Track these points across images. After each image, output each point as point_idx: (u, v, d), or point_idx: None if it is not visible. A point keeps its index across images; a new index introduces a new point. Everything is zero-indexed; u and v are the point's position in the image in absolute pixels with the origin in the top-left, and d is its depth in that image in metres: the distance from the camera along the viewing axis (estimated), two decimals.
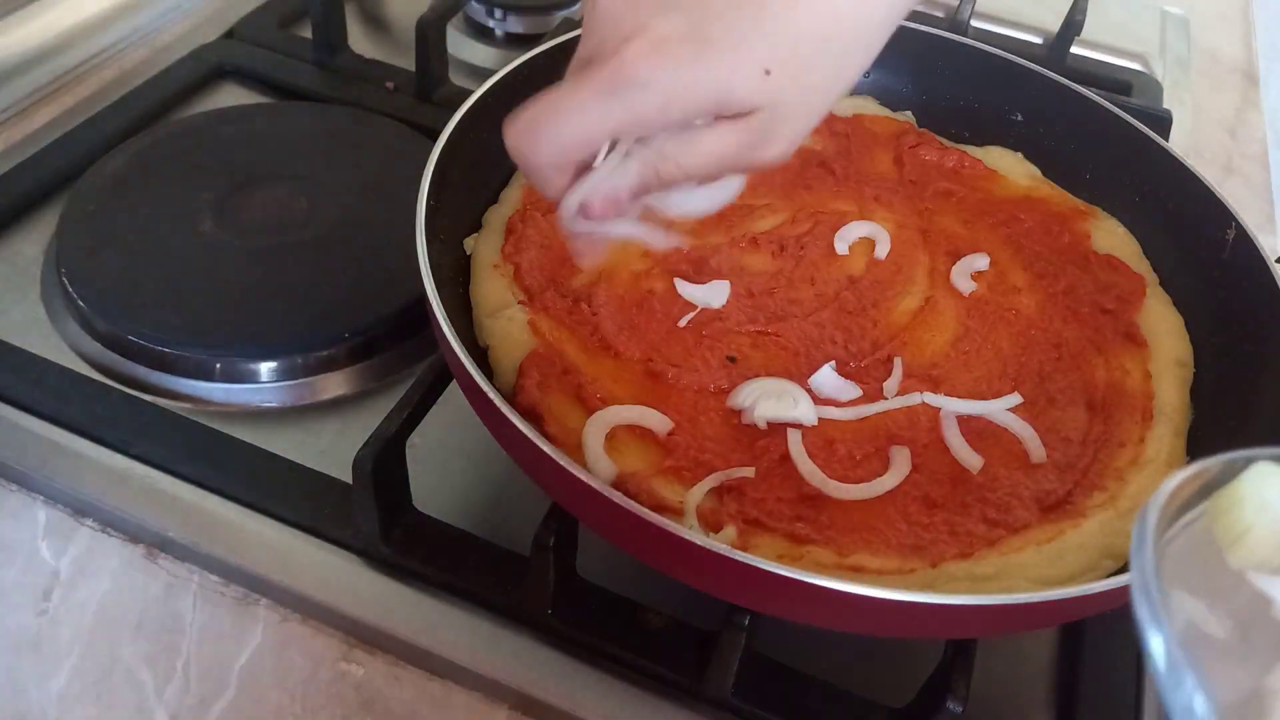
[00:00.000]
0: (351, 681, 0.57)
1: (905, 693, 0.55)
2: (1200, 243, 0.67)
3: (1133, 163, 0.72)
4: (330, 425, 0.69)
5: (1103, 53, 1.16)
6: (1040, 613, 0.49)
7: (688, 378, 0.58)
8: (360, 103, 0.91)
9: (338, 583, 0.59)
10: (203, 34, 0.99)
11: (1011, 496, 0.55)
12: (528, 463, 0.51)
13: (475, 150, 0.66)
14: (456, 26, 1.05)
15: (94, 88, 0.92)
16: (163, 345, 0.69)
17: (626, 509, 0.45)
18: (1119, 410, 0.60)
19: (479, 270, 0.64)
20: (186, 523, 0.61)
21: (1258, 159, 1.10)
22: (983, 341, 0.63)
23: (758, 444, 0.56)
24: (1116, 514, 0.55)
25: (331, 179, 0.82)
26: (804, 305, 0.64)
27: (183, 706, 0.55)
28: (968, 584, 0.51)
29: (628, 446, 0.55)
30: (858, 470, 0.55)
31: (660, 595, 0.58)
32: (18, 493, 0.63)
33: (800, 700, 0.55)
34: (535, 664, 0.57)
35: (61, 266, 0.73)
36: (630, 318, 0.61)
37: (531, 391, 0.56)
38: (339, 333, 0.71)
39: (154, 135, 0.84)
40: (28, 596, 0.58)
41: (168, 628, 0.58)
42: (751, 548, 0.51)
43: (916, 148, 0.76)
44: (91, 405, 0.65)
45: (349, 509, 0.60)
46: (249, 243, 0.76)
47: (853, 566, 0.51)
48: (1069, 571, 0.52)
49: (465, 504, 0.65)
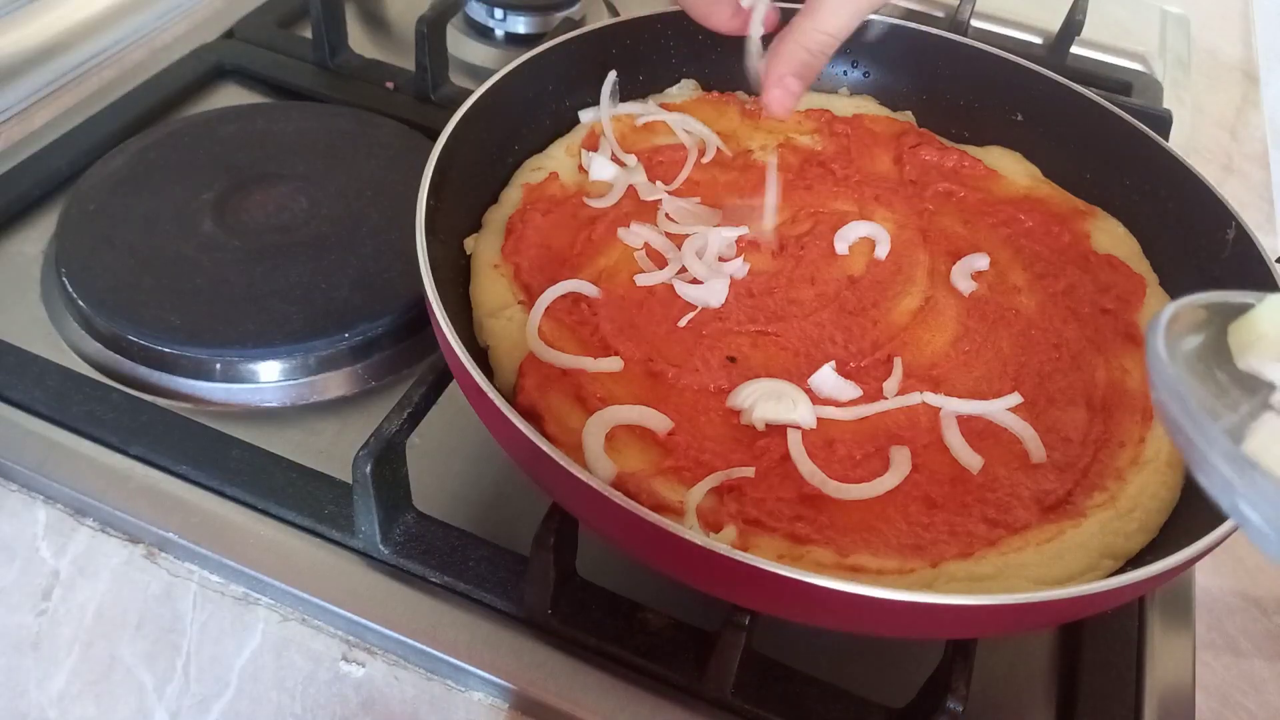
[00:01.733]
0: (351, 681, 0.57)
1: (905, 693, 0.55)
2: (1200, 243, 0.67)
3: (1133, 163, 0.72)
4: (330, 425, 0.69)
5: (1103, 53, 1.16)
6: (1040, 613, 0.49)
7: (688, 378, 0.58)
8: (360, 103, 0.91)
9: (338, 583, 0.59)
10: (203, 34, 0.99)
11: (1011, 496, 0.55)
12: (528, 463, 0.51)
13: (475, 150, 0.66)
14: (456, 26, 1.05)
15: (94, 88, 0.92)
16: (163, 345, 0.69)
17: (626, 509, 0.45)
18: (1119, 410, 0.60)
19: (479, 270, 0.64)
20: (186, 523, 0.61)
21: (1258, 159, 1.10)
22: (983, 341, 0.63)
23: (758, 444, 0.56)
24: (1116, 514, 0.55)
25: (331, 179, 0.82)
26: (804, 305, 0.64)
27: (183, 706, 0.55)
28: (968, 584, 0.51)
29: (628, 446, 0.55)
30: (858, 470, 0.55)
31: (660, 595, 0.58)
32: (18, 493, 0.63)
33: (800, 700, 0.55)
34: (535, 664, 0.57)
35: (61, 266, 0.73)
36: (630, 318, 0.61)
37: (531, 391, 0.56)
38: (339, 333, 0.71)
39: (154, 135, 0.84)
40: (27, 596, 0.58)
41: (168, 627, 0.58)
42: (751, 548, 0.51)
43: (917, 148, 0.76)
44: (91, 405, 0.65)
45: (349, 509, 0.60)
46: (249, 243, 0.76)
47: (853, 566, 0.51)
48: (1069, 571, 0.52)
49: (465, 504, 0.65)
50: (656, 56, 0.78)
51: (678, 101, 0.78)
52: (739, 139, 0.76)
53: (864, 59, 0.81)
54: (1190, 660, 0.62)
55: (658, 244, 0.66)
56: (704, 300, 0.63)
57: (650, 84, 0.79)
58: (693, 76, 0.80)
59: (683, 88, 0.79)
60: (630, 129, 0.74)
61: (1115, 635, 0.61)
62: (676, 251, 0.65)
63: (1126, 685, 0.59)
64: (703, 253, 0.65)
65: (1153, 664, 0.61)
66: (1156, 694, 0.59)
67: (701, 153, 0.74)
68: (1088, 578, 0.52)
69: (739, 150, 0.75)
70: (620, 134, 0.73)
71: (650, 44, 0.77)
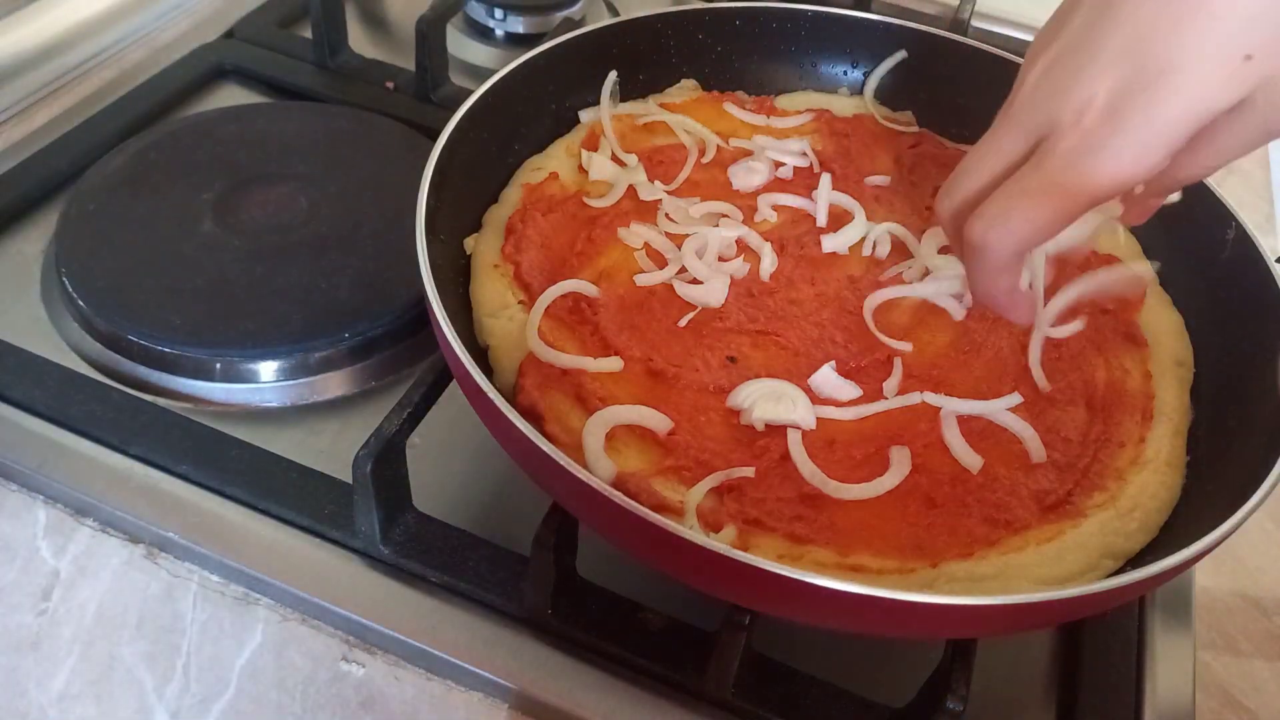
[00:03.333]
0: (351, 681, 0.57)
1: (905, 693, 0.55)
2: (1200, 243, 0.67)
3: None
4: (330, 425, 0.69)
5: None
6: (1040, 613, 0.49)
7: (688, 378, 0.58)
8: (360, 103, 0.91)
9: (338, 583, 0.59)
10: (203, 34, 0.99)
11: (1011, 496, 0.55)
12: (528, 463, 0.51)
13: (475, 150, 0.66)
14: (456, 26, 1.05)
15: (94, 88, 0.92)
16: (163, 345, 0.69)
17: (626, 509, 0.45)
18: (1119, 410, 0.60)
19: (479, 270, 0.64)
20: (186, 523, 0.61)
21: (1258, 159, 1.09)
22: (983, 342, 0.63)
23: (758, 444, 0.56)
24: (1116, 514, 0.54)
25: (331, 179, 0.82)
26: (804, 305, 0.64)
27: (183, 706, 0.55)
28: (968, 584, 0.51)
29: (628, 446, 0.55)
30: (858, 470, 0.55)
31: (660, 595, 0.58)
32: (18, 493, 0.63)
33: (800, 700, 0.55)
34: (535, 664, 0.57)
35: (61, 266, 0.73)
36: (630, 318, 0.61)
37: (531, 391, 0.56)
38: (339, 333, 0.71)
39: (154, 135, 0.84)
40: (28, 596, 0.58)
41: (168, 627, 0.58)
42: (751, 548, 0.51)
43: (916, 147, 0.76)
44: (91, 405, 0.65)
45: (349, 509, 0.60)
46: (249, 243, 0.76)
47: (853, 566, 0.51)
48: (1069, 571, 0.52)
49: (465, 504, 0.65)
50: (656, 56, 0.78)
51: (678, 101, 0.78)
52: (739, 139, 0.76)
53: (864, 59, 0.81)
54: (1190, 660, 0.62)
55: (658, 244, 0.66)
56: (704, 300, 0.63)
57: (650, 84, 0.79)
58: (693, 76, 0.80)
59: (682, 88, 0.79)
60: (630, 129, 0.74)
61: (1115, 635, 0.61)
62: (676, 251, 0.65)
63: (1126, 685, 0.59)
64: (703, 253, 0.65)
65: (1153, 664, 0.61)
66: (1156, 694, 0.59)
67: (701, 153, 0.74)
68: (1088, 578, 0.52)
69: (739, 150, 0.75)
70: (620, 134, 0.73)
71: (650, 44, 0.77)
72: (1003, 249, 0.49)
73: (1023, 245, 0.49)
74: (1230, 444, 0.57)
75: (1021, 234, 0.48)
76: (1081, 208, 0.47)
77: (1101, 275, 0.63)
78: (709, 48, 0.78)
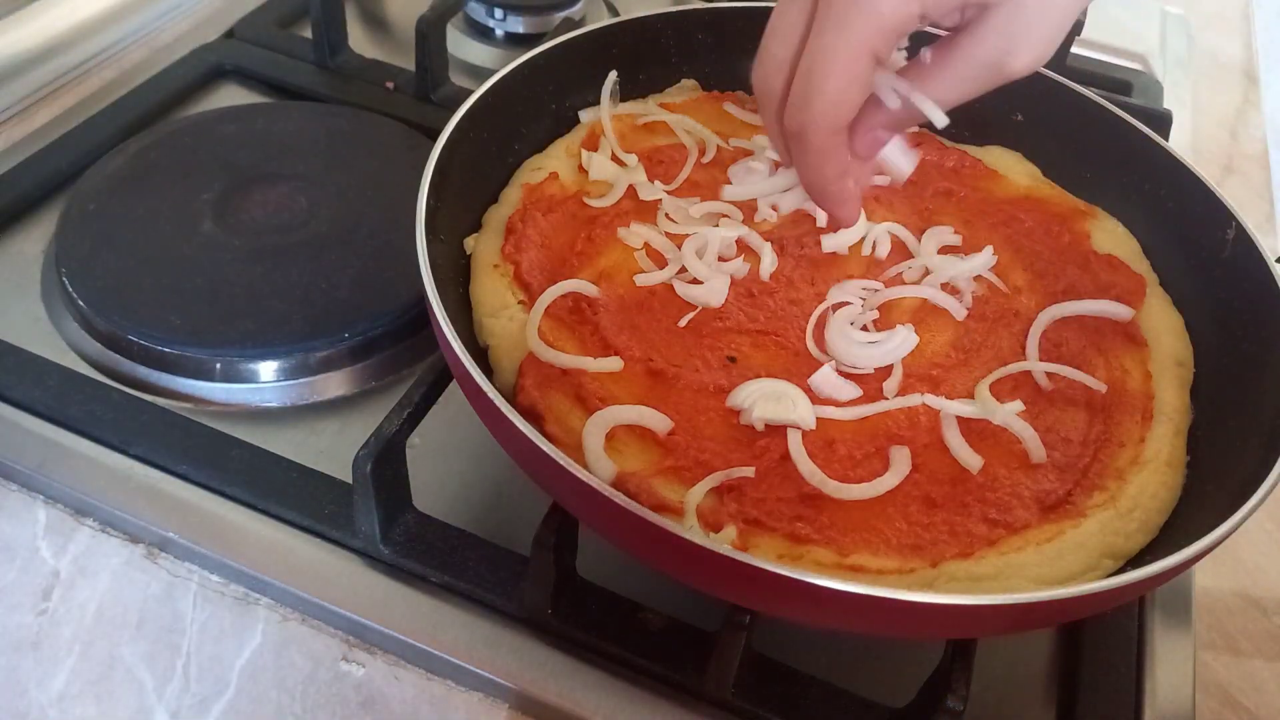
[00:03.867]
0: (351, 681, 0.57)
1: (905, 693, 0.55)
2: (1200, 243, 0.67)
3: (1133, 163, 0.72)
4: (330, 425, 0.69)
5: (1103, 53, 1.16)
6: (1040, 613, 0.49)
7: (688, 378, 0.58)
8: (360, 103, 0.91)
9: (338, 583, 0.59)
10: (203, 34, 0.99)
11: (1011, 496, 0.55)
12: (528, 463, 0.51)
13: (475, 150, 0.66)
14: (456, 26, 1.05)
15: (94, 88, 0.92)
16: (163, 345, 0.69)
17: (626, 509, 0.45)
18: (1119, 410, 0.60)
19: (479, 270, 0.64)
20: (186, 523, 0.61)
21: (1258, 159, 1.10)
22: (983, 342, 0.63)
23: (758, 444, 0.56)
24: (1116, 514, 0.55)
25: (331, 179, 0.82)
26: (804, 305, 0.64)
27: (183, 706, 0.55)
28: (968, 584, 0.51)
29: (628, 446, 0.55)
30: (858, 470, 0.55)
31: (660, 595, 0.58)
32: (18, 493, 0.63)
33: (800, 700, 0.55)
34: (535, 664, 0.57)
35: (61, 266, 0.73)
36: (630, 318, 0.61)
37: (531, 391, 0.56)
38: (339, 333, 0.71)
39: (154, 135, 0.84)
40: (28, 596, 0.58)
41: (168, 627, 0.58)
42: (751, 548, 0.51)
43: (916, 147, 0.76)
44: (91, 405, 0.65)
45: (349, 509, 0.60)
46: (249, 243, 0.76)
47: (853, 566, 0.51)
48: (1069, 571, 0.52)
49: (465, 504, 0.65)
50: (656, 56, 0.78)
51: (678, 101, 0.78)
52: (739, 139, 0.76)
53: None
54: (1190, 660, 0.62)
55: (658, 244, 0.66)
56: (704, 300, 0.63)
57: (650, 84, 0.79)
58: (693, 76, 0.80)
59: (682, 88, 0.79)
60: (630, 129, 0.74)
61: (1115, 635, 0.61)
62: (676, 251, 0.65)
63: (1126, 685, 0.59)
64: (703, 253, 0.65)
65: (1153, 664, 0.61)
66: (1156, 694, 0.59)
67: (702, 153, 0.74)
68: (1088, 578, 0.52)
69: (739, 150, 0.75)
70: (620, 134, 0.73)
71: (650, 44, 0.77)
72: (820, 125, 0.50)
73: (835, 113, 0.50)
74: (1230, 444, 0.57)
75: (830, 99, 0.49)
76: (870, 46, 0.48)
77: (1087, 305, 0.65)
78: (709, 48, 0.78)
